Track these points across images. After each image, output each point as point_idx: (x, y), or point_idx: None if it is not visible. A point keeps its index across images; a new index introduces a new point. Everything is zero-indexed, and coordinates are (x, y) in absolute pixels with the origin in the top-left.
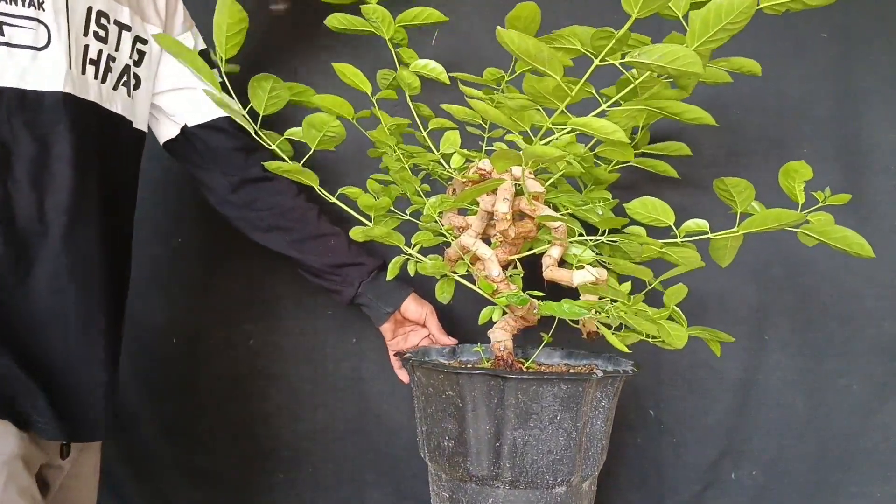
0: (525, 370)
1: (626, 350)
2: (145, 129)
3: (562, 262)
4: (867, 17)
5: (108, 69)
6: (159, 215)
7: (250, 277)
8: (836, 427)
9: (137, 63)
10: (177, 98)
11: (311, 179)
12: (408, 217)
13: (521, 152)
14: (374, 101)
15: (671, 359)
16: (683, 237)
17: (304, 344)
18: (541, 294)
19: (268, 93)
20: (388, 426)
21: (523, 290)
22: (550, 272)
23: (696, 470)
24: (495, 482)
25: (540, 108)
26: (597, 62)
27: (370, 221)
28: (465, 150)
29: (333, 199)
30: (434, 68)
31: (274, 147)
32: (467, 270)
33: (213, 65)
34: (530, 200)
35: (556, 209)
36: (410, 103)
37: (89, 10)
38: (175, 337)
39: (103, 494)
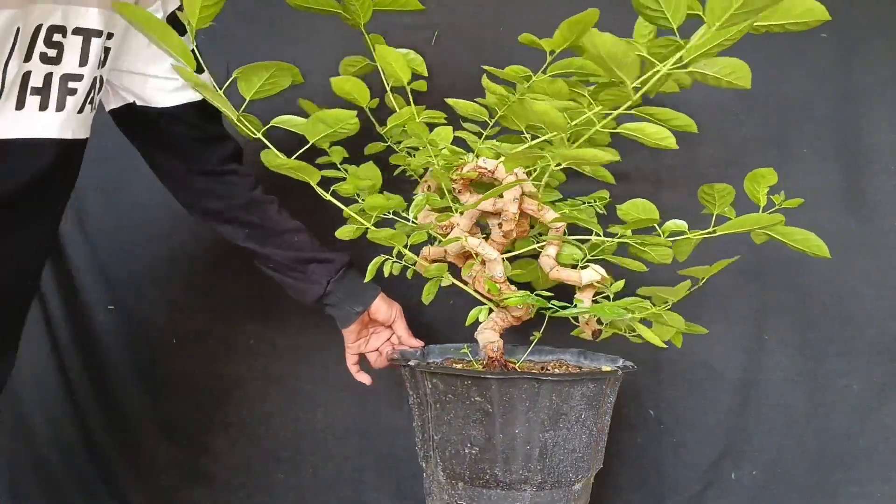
0: (521, 370)
1: (663, 345)
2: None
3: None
4: (867, 17)
5: (67, 92)
6: (159, 215)
7: (250, 277)
8: (836, 427)
9: (103, 64)
10: (131, 80)
11: (312, 176)
12: (392, 216)
13: (552, 152)
14: (367, 109)
15: (671, 359)
16: (668, 236)
17: (304, 344)
18: (550, 294)
19: (264, 80)
20: (388, 426)
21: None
22: (557, 272)
23: (696, 470)
24: (523, 486)
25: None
26: (664, 70)
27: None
28: (454, 147)
29: (328, 197)
30: (414, 58)
31: (259, 136)
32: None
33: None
34: (540, 202)
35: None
36: (392, 97)
37: (38, 29)
38: (175, 337)
39: (104, 494)
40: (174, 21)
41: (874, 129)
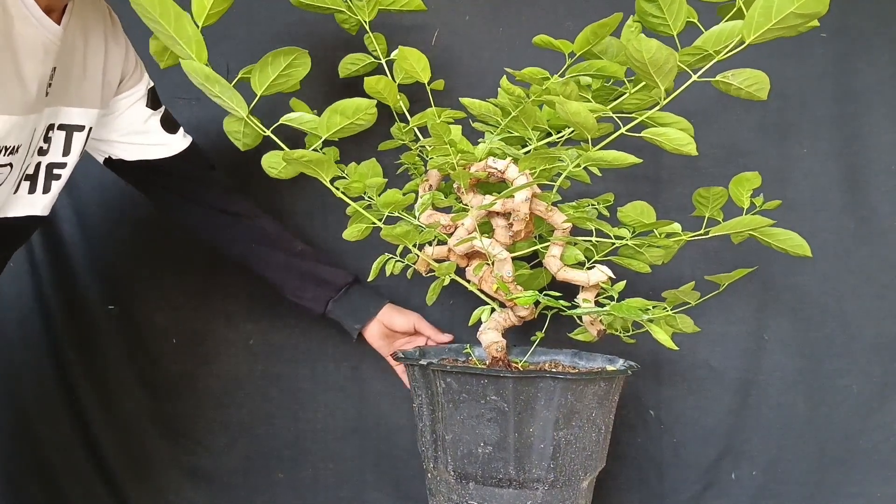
0: (522, 369)
1: (675, 347)
2: None
3: None
4: (867, 17)
5: (52, 178)
6: (160, 215)
7: (250, 277)
8: (836, 427)
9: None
10: (124, 148)
11: (327, 171)
12: (398, 214)
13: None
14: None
15: (671, 359)
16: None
17: (304, 344)
18: (557, 294)
19: (280, 70)
20: (388, 426)
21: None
22: (564, 273)
23: (696, 470)
24: (535, 484)
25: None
26: (695, 77)
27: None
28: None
29: (339, 194)
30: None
31: (268, 133)
32: (473, 272)
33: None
34: (549, 204)
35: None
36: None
37: (49, 127)
38: (175, 337)
39: (104, 494)
40: (153, 95)
41: (874, 129)
